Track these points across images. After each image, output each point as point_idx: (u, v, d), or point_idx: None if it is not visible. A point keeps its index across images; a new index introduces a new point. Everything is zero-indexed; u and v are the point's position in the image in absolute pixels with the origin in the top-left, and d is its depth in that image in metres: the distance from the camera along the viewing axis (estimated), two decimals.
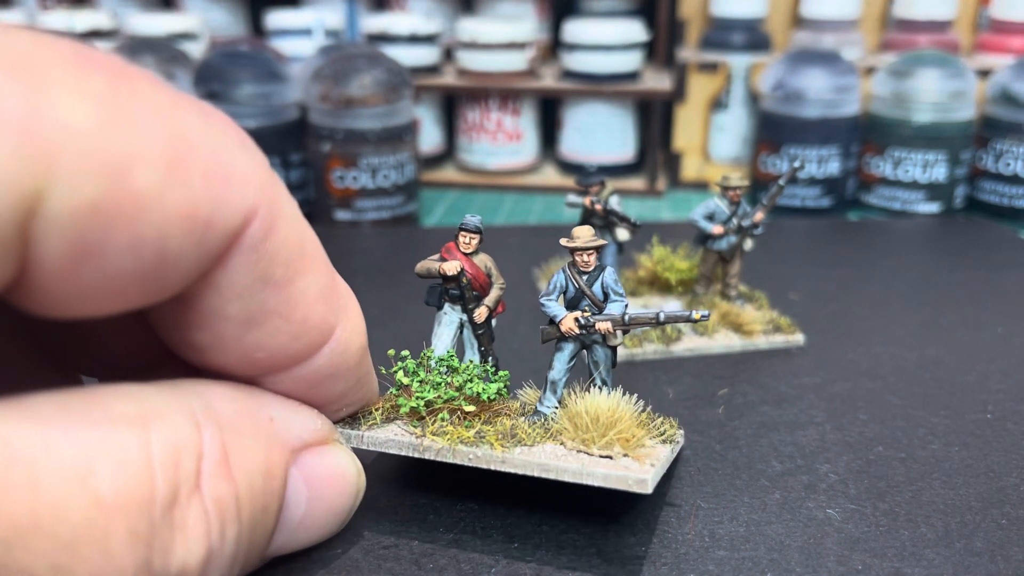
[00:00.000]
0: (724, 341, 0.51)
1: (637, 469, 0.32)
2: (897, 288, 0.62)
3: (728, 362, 0.50)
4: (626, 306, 0.37)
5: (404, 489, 0.37)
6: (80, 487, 0.21)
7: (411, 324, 0.54)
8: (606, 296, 0.37)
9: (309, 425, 0.30)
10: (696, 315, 0.35)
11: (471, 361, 0.38)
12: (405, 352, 0.37)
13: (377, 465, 0.39)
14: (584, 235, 0.37)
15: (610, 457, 0.33)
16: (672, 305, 0.55)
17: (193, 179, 0.23)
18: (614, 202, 0.55)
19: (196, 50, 0.92)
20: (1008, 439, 0.42)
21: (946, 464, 0.39)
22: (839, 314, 0.57)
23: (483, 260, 0.39)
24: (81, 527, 0.21)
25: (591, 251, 0.37)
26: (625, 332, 0.38)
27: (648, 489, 0.31)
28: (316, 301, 0.28)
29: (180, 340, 0.28)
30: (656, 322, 0.36)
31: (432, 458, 0.34)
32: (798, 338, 0.52)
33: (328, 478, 0.30)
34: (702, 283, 0.55)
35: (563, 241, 0.38)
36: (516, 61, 0.92)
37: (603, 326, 0.36)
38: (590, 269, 0.37)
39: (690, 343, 0.51)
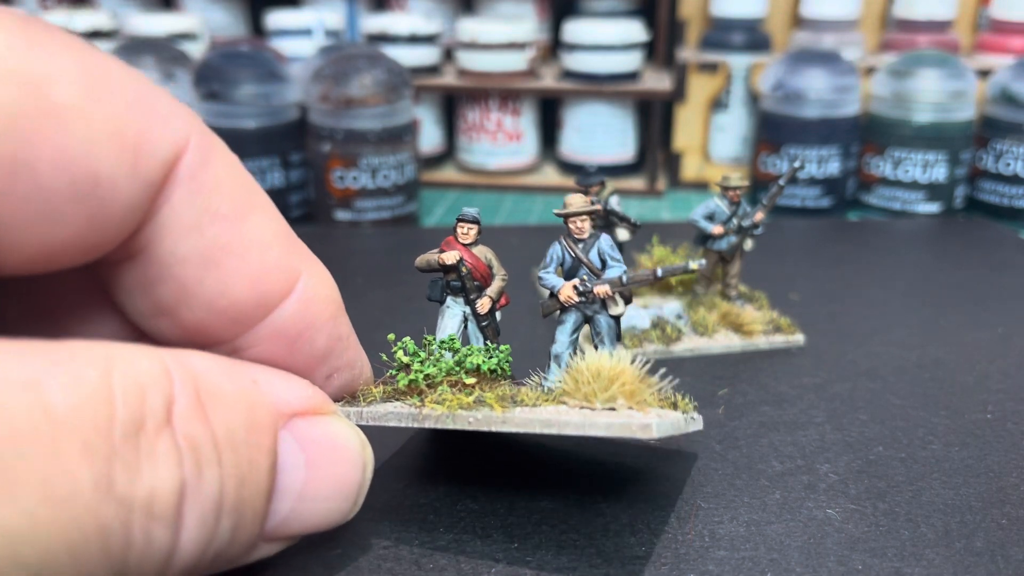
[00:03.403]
0: (724, 341, 0.51)
1: (641, 417, 0.31)
2: (897, 288, 0.62)
3: (728, 362, 0.50)
4: (624, 271, 0.36)
5: (404, 489, 0.37)
6: (24, 393, 0.21)
7: (411, 324, 0.54)
8: (604, 263, 0.37)
9: (298, 392, 0.30)
10: (693, 265, 0.35)
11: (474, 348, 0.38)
12: (406, 338, 0.36)
13: (377, 464, 0.39)
14: (576, 202, 0.37)
15: (613, 409, 0.32)
16: (672, 305, 0.55)
17: (116, 103, 0.24)
18: (614, 202, 0.55)
19: (196, 50, 0.92)
20: (1008, 439, 0.42)
21: (946, 464, 0.39)
22: (839, 314, 0.57)
23: (483, 251, 0.39)
24: (25, 428, 0.21)
25: (583, 216, 0.36)
26: (627, 301, 0.37)
27: (654, 434, 0.30)
28: (272, 242, 0.29)
29: (148, 306, 0.28)
30: (654, 278, 0.36)
31: (432, 426, 0.33)
32: (798, 338, 0.52)
33: (326, 445, 0.30)
34: (702, 283, 0.55)
35: (556, 210, 0.37)
36: (516, 61, 0.92)
37: (601, 290, 0.36)
38: (585, 236, 0.37)
39: (690, 343, 0.51)
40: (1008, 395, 0.46)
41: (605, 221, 0.55)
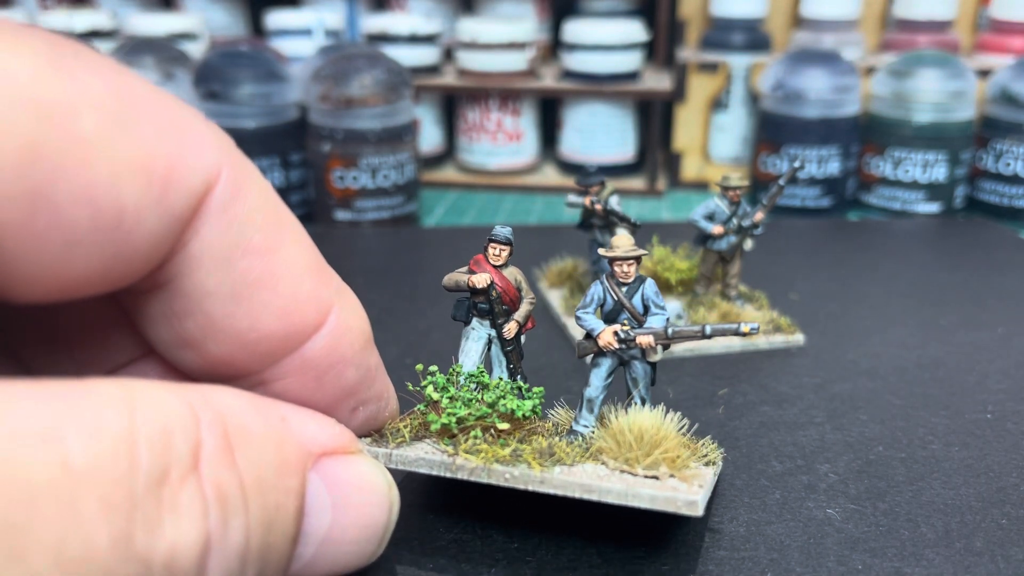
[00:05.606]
0: (724, 341, 0.51)
1: (686, 491, 0.30)
2: (897, 288, 0.62)
3: (728, 362, 0.50)
4: (668, 320, 0.35)
5: (403, 489, 0.37)
6: (42, 448, 0.20)
7: (411, 324, 0.54)
8: (646, 309, 0.36)
9: (327, 430, 0.29)
10: (745, 328, 0.33)
11: (500, 378, 0.37)
12: (433, 367, 0.35)
13: None
14: (624, 244, 0.36)
15: (656, 478, 0.31)
16: (672, 305, 0.55)
17: (145, 133, 0.23)
18: (614, 202, 0.55)
19: (196, 50, 0.92)
20: (1008, 439, 0.42)
21: (946, 464, 0.39)
22: (839, 314, 0.57)
23: (513, 273, 0.37)
24: (42, 487, 0.19)
25: (631, 261, 0.35)
26: (666, 348, 0.36)
27: (699, 512, 0.30)
28: (304, 274, 0.28)
29: (173, 338, 0.27)
30: (702, 335, 0.34)
31: (465, 478, 0.32)
32: (798, 338, 0.52)
33: (353, 486, 0.28)
34: (702, 283, 0.55)
35: (602, 251, 0.36)
36: (516, 61, 0.92)
37: (644, 340, 0.34)
38: (630, 280, 0.36)
39: (690, 343, 0.51)
40: (1008, 395, 0.46)
41: (605, 221, 0.55)
